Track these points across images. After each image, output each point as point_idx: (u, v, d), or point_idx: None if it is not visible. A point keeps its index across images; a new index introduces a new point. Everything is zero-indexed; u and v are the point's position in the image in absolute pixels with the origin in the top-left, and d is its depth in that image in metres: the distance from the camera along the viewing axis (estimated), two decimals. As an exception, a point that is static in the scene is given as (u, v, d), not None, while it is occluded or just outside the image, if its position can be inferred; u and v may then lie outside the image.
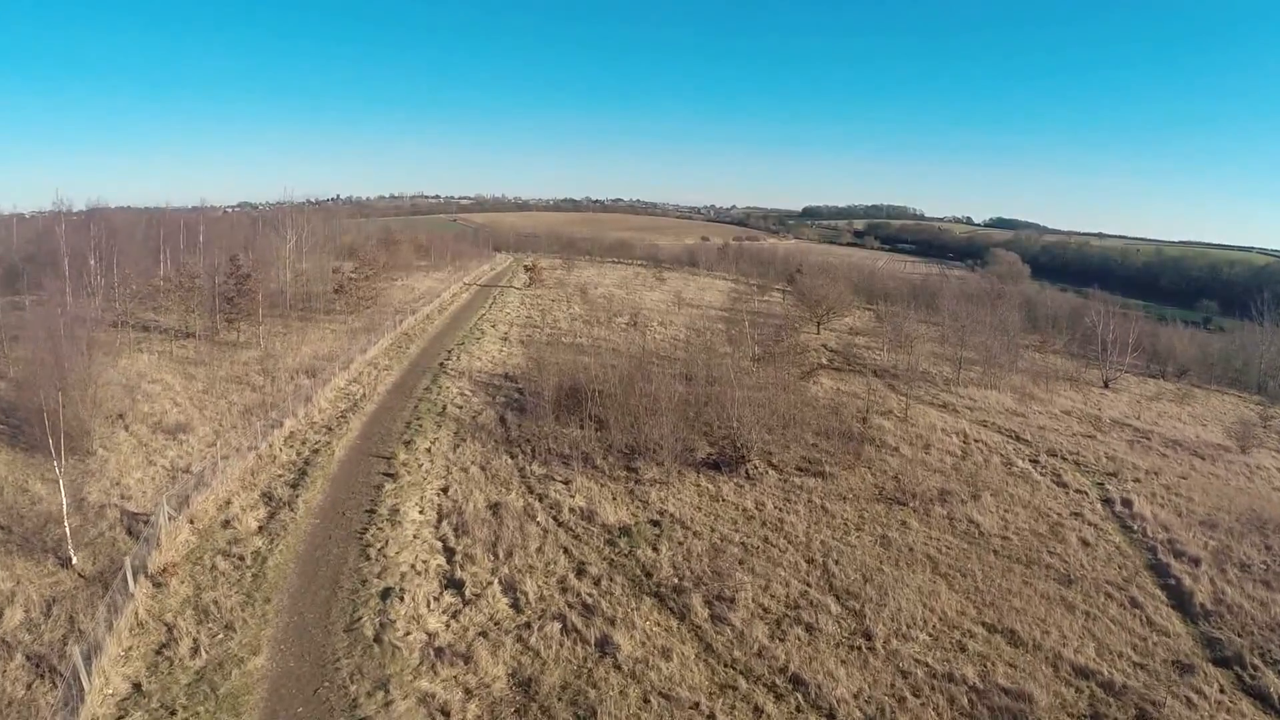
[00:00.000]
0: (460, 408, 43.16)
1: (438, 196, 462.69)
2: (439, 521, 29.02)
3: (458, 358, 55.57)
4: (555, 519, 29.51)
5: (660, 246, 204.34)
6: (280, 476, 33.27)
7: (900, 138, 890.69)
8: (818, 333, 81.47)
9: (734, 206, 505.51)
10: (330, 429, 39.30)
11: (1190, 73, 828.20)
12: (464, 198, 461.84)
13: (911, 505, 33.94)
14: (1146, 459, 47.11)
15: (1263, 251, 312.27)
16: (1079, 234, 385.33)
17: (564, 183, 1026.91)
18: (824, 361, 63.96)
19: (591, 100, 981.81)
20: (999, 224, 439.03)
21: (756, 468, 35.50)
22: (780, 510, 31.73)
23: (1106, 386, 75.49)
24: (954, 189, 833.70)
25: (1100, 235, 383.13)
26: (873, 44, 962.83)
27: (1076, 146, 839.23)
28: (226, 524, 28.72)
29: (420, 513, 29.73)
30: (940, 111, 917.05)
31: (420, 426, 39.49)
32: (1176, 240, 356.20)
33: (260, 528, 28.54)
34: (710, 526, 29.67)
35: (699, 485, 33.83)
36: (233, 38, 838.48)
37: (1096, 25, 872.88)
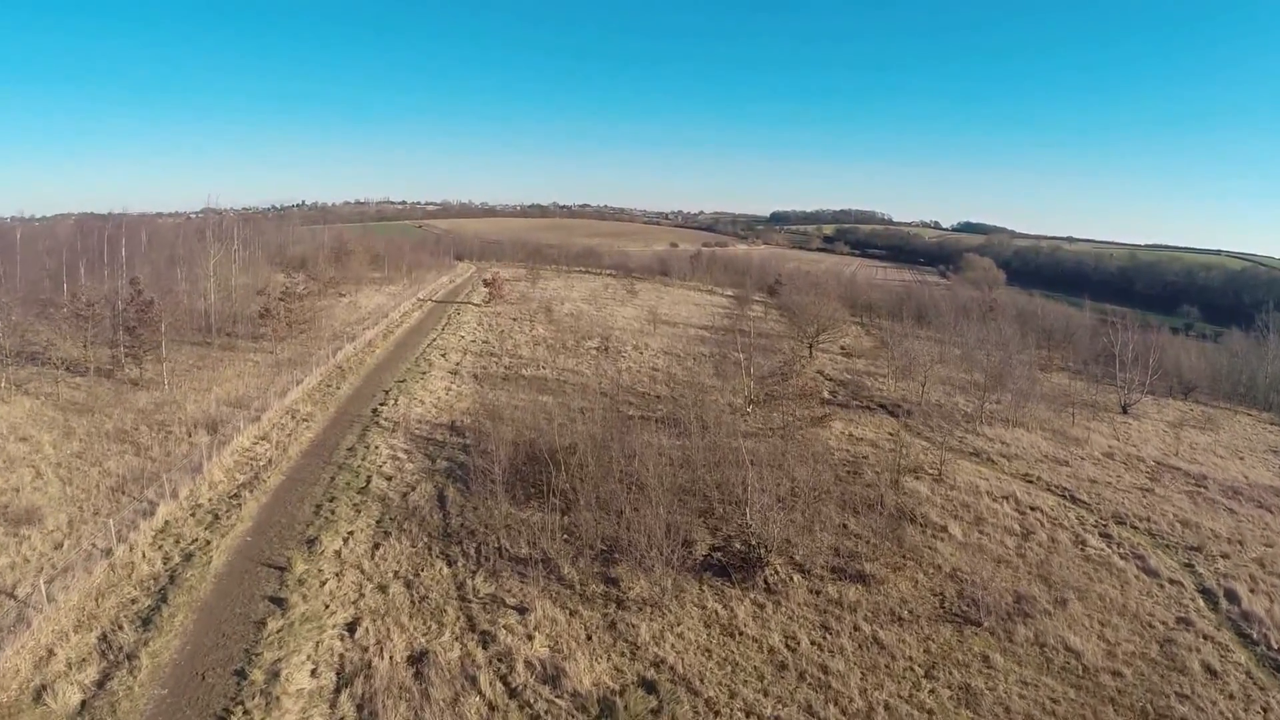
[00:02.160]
0: (389, 479, 33.77)
1: (404, 202, 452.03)
2: (337, 691, 19.84)
3: (395, 401, 46.12)
4: (505, 682, 20.41)
5: (629, 254, 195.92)
6: (133, 603, 23.90)
7: (866, 142, 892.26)
8: (810, 355, 73.30)
9: (701, 212, 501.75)
10: (217, 517, 29.84)
11: (1155, 78, 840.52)
12: (430, 203, 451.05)
13: (987, 624, 25.51)
14: (1218, 519, 40.00)
15: (1231, 255, 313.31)
16: (1049, 238, 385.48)
17: (531, 188, 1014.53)
18: (827, 396, 55.57)
19: (559, 106, 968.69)
20: (967, 228, 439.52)
21: (777, 572, 26.77)
22: (821, 650, 22.94)
23: (1125, 412, 68.48)
24: (920, 193, 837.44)
25: (1070, 239, 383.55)
26: (836, 49, 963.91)
27: (1042, 150, 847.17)
28: (39, 696, 19.46)
29: (312, 674, 20.51)
30: (905, 116, 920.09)
31: (333, 513, 30.11)
32: (1144, 244, 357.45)
33: (84, 703, 19.33)
34: (729, 688, 20.76)
35: (704, 607, 24.88)
36: (197, 39, 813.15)
37: (1058, 31, 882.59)
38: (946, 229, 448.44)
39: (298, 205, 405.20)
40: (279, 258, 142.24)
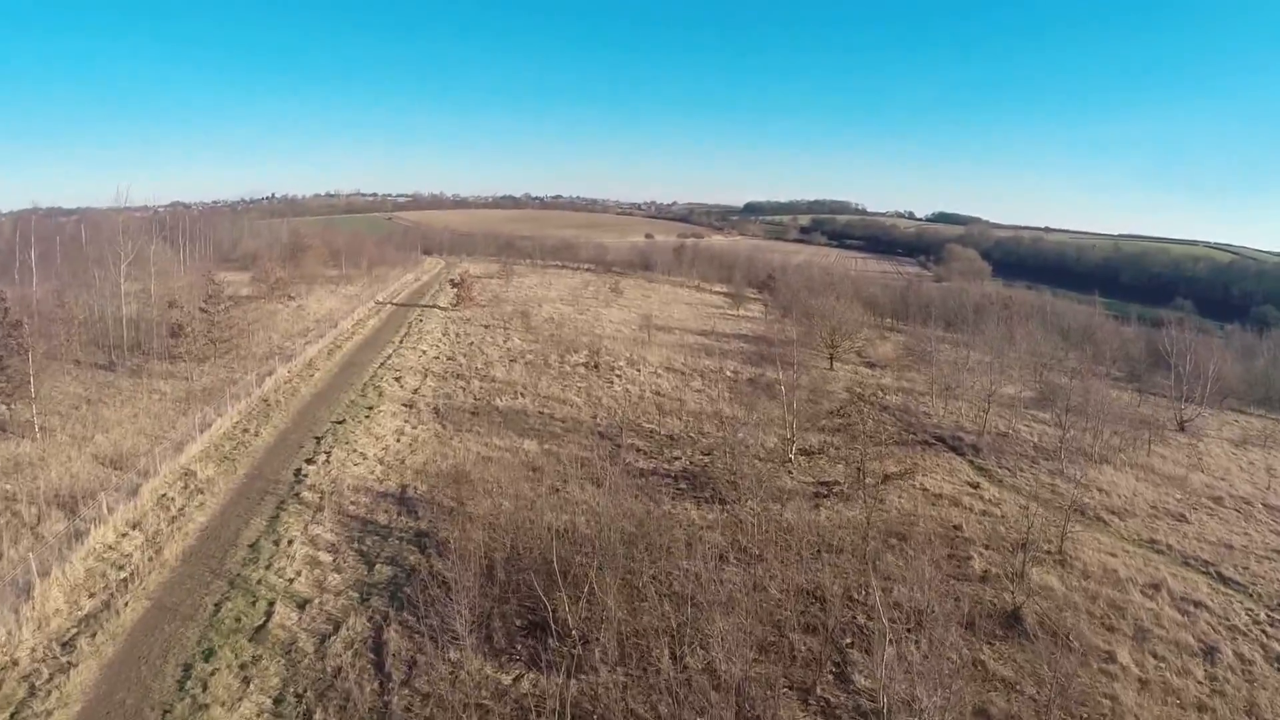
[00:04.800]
0: (302, 607, 22.58)
1: (374, 194, 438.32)
2: None
3: (328, 455, 34.75)
4: None
5: (606, 246, 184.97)
6: None
7: (838, 132, 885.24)
8: (830, 368, 63.34)
9: (675, 202, 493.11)
10: (33, 690, 18.80)
11: (1124, 68, 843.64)
12: (401, 195, 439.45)
13: None
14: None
15: (1209, 245, 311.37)
16: (1027, 228, 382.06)
17: (504, 179, 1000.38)
18: (868, 424, 45.43)
19: (531, 97, 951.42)
20: (942, 218, 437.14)
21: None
22: None
23: (1182, 429, 59.72)
24: (893, 183, 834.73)
25: (1047, 229, 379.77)
26: (807, 40, 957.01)
27: (1014, 140, 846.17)
28: None
29: None
30: (877, 106, 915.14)
31: (206, 686, 18.85)
32: (1118, 234, 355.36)
33: None
34: None
35: None
36: (167, 32, 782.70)
37: (1026, 26, 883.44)
38: (921, 219, 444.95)
39: (267, 198, 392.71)
40: (234, 254, 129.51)
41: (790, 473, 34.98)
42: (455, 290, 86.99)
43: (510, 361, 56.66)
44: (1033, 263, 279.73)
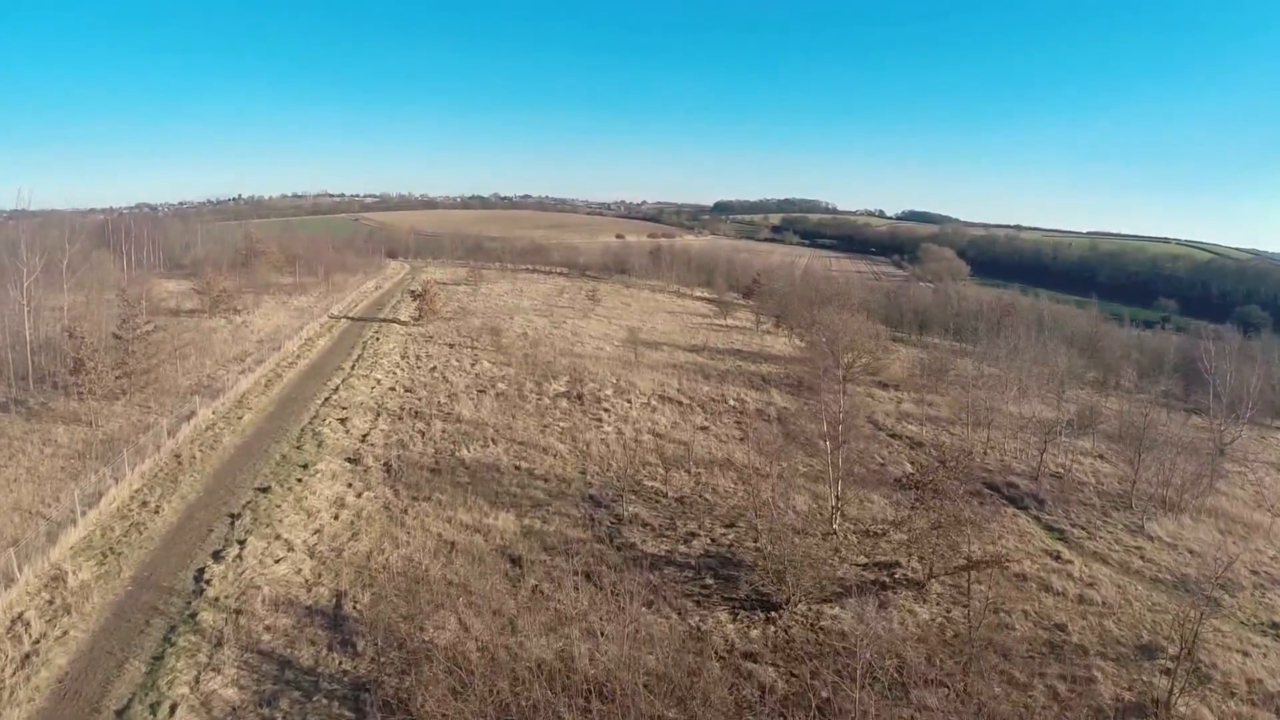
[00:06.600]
0: None
1: (342, 195, 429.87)
2: None
3: (240, 548, 26.35)
4: None
5: (578, 248, 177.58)
6: None
7: (806, 130, 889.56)
8: (844, 393, 56.37)
9: (644, 202, 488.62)
10: None
11: (1089, 65, 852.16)
12: (369, 196, 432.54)
13: None
14: None
15: (1180, 243, 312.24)
16: (999, 226, 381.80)
17: (472, 180, 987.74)
18: (911, 471, 38.47)
19: (499, 96, 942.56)
20: (913, 216, 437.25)
21: None
22: None
23: (1223, 453, 53.85)
24: (862, 181, 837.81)
25: (1019, 228, 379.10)
26: (774, 41, 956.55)
27: (982, 139, 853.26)
28: None
29: None
30: (845, 105, 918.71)
31: None
32: (1086, 231, 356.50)
33: None
34: None
35: None
36: (137, 27, 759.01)
37: (993, 22, 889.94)
38: (892, 217, 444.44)
39: (233, 199, 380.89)
40: (185, 260, 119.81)
41: (837, 549, 27.89)
42: (416, 303, 78.94)
43: (479, 393, 48.90)
44: (1008, 261, 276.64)
